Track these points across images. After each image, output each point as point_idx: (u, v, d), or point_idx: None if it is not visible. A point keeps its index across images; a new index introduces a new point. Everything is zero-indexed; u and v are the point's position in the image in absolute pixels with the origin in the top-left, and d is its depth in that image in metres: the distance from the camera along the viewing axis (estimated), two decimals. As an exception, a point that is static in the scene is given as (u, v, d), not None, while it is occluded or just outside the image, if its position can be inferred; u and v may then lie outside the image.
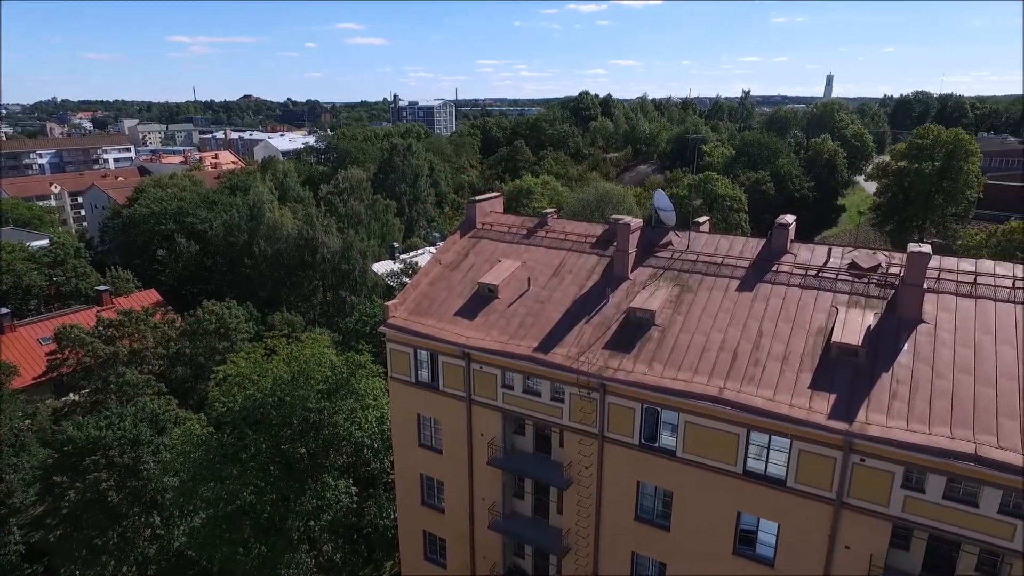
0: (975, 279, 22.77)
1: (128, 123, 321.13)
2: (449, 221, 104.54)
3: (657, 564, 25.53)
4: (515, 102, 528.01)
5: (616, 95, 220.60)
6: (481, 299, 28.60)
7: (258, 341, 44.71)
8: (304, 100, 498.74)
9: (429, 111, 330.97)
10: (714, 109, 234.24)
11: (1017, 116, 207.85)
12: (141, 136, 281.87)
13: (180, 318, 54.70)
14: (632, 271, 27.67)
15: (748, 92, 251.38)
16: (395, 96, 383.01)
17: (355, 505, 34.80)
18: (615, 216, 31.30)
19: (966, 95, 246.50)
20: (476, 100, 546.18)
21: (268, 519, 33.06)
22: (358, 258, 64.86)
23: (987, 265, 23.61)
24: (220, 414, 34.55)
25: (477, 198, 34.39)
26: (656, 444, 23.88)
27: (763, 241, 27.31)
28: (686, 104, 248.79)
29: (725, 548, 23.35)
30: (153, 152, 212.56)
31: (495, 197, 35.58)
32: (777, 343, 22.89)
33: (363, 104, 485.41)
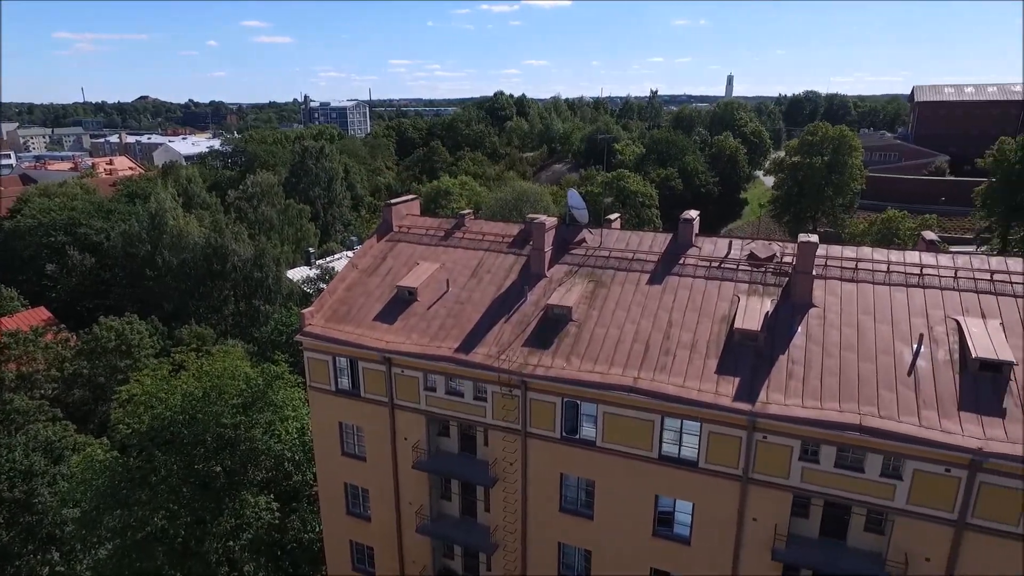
0: (856, 265, 24.89)
1: (6, 127, 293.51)
2: (366, 224, 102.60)
3: (583, 552, 26.33)
4: (430, 102, 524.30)
5: (530, 95, 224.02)
6: (400, 302, 28.44)
7: (165, 357, 42.45)
8: (207, 101, 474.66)
9: (342, 112, 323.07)
10: (625, 108, 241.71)
11: (892, 114, 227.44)
12: (22, 141, 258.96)
13: (75, 337, 50.94)
14: (548, 269, 28.33)
15: (656, 92, 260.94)
16: (306, 97, 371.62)
17: (277, 521, 33.71)
18: (531, 216, 31.94)
19: (849, 94, 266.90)
20: (390, 100, 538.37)
21: (183, 543, 31.47)
22: (271, 265, 62.69)
23: (866, 252, 25.85)
24: (125, 436, 32.57)
25: (392, 201, 34.15)
26: (577, 436, 24.62)
27: (671, 236, 28.67)
28: (598, 104, 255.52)
29: (645, 530, 24.41)
30: (37, 158, 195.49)
31: (411, 199, 35.44)
32: (685, 332, 24.13)
33: (272, 105, 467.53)
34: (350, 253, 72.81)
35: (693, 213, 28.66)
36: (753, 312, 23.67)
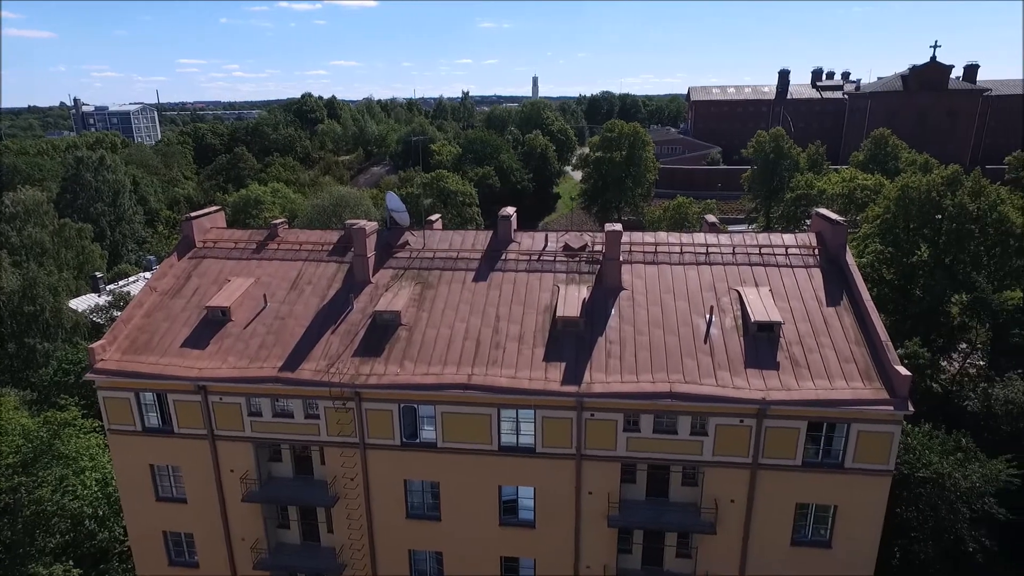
0: (656, 249, 27.63)
1: None
2: (166, 242, 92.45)
3: (434, 555, 26.29)
4: (231, 105, 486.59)
5: (341, 96, 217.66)
6: (212, 324, 26.08)
7: (-94, 420, 34.70)
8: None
9: (125, 117, 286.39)
10: (438, 109, 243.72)
11: (675, 111, 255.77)
12: None
13: None
14: (373, 274, 27.75)
15: (467, 92, 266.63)
16: (76, 100, 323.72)
17: (82, 589, 29.28)
18: (350, 221, 30.98)
19: (638, 94, 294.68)
20: (184, 104, 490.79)
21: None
22: (47, 296, 53.89)
23: (663, 236, 28.78)
24: None
25: (193, 214, 31.20)
26: (417, 440, 24.47)
27: (491, 233, 29.53)
28: (411, 105, 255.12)
29: (492, 522, 24.99)
30: None
31: (215, 211, 32.66)
32: (513, 325, 25.05)
33: (32, 110, 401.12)
34: (148, 275, 65.16)
35: (510, 210, 29.78)
36: (572, 300, 25.24)
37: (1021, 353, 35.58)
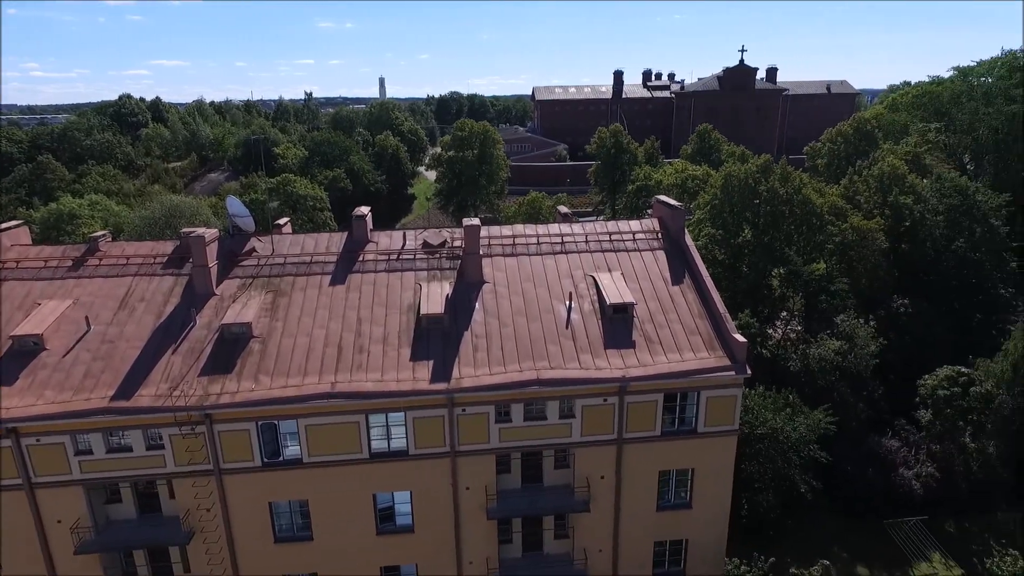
0: (514, 241, 28.14)
1: None
2: (-47, 267, 78.68)
3: (308, 577, 24.84)
4: (31, 108, 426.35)
5: (167, 98, 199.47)
6: (20, 356, 22.58)
7: None
8: None
9: None
10: (280, 111, 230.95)
11: (522, 111, 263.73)
12: None
13: None
14: (217, 286, 25.59)
15: (311, 93, 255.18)
16: None
17: None
18: (186, 229, 28.29)
19: (486, 95, 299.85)
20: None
21: None
22: None
23: (520, 229, 29.41)
24: None
25: (-14, 230, 26.77)
26: (280, 458, 22.93)
27: (346, 234, 28.40)
28: (249, 106, 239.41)
29: (369, 532, 24.10)
30: None
31: (17, 226, 28.38)
32: (376, 327, 24.27)
33: None
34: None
35: (364, 209, 28.88)
36: (435, 296, 24.98)
37: (828, 317, 40.88)
